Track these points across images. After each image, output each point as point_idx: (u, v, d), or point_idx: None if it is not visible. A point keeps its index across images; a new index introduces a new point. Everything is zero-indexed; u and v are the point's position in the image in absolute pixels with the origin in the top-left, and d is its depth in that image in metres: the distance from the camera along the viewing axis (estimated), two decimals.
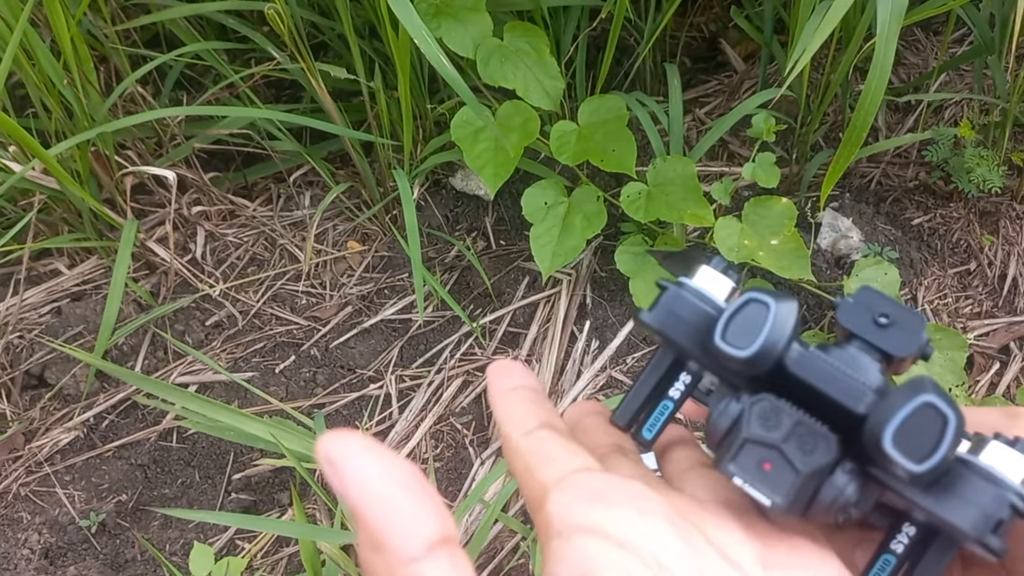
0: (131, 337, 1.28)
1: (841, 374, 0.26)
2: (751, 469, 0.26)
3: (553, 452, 0.28)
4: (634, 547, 0.24)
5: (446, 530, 0.23)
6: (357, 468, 0.23)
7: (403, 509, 0.23)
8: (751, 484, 0.26)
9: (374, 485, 0.23)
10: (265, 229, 1.38)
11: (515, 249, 1.36)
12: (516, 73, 1.21)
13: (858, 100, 0.88)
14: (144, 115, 1.18)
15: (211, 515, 0.95)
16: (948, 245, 1.32)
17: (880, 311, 0.28)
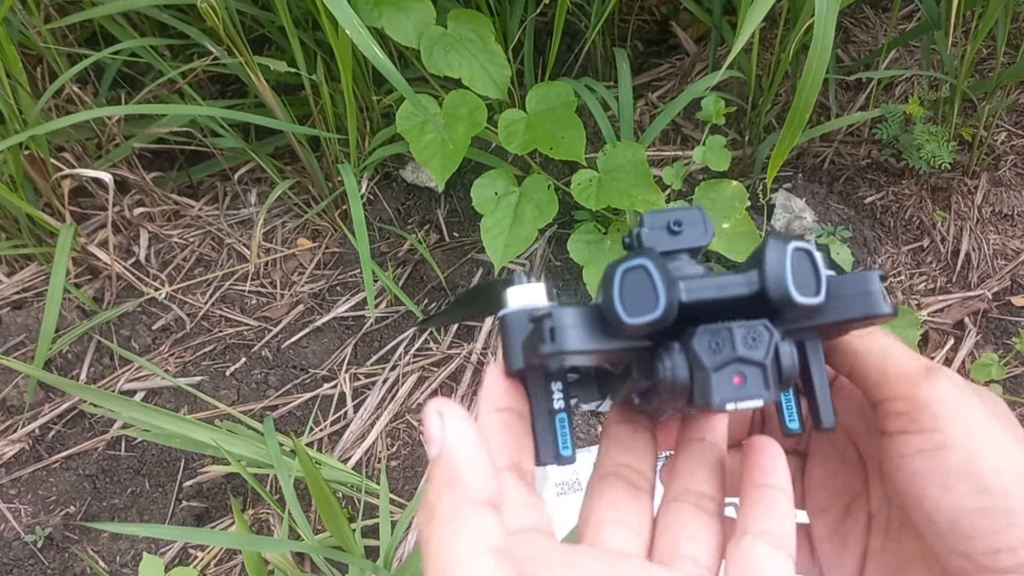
0: (76, 344, 1.24)
1: (712, 278, 0.29)
2: (732, 390, 0.28)
3: (512, 502, 0.30)
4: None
5: (497, 495, 0.28)
6: (460, 421, 0.28)
7: (480, 462, 0.27)
8: (741, 401, 0.28)
9: (468, 437, 0.28)
10: (211, 229, 1.34)
11: (469, 241, 1.34)
12: (461, 62, 1.18)
13: (787, 79, 0.86)
14: (77, 116, 1.14)
15: (154, 529, 0.92)
16: (901, 222, 1.32)
17: (671, 221, 0.32)
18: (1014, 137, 1.36)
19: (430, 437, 0.28)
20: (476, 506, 0.26)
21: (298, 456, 0.65)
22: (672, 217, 0.32)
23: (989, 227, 1.30)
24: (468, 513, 0.26)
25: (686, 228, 0.32)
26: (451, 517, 0.26)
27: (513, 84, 1.24)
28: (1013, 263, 1.27)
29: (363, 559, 0.78)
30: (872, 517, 0.36)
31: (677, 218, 0.32)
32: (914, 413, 0.31)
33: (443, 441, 0.28)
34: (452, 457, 0.27)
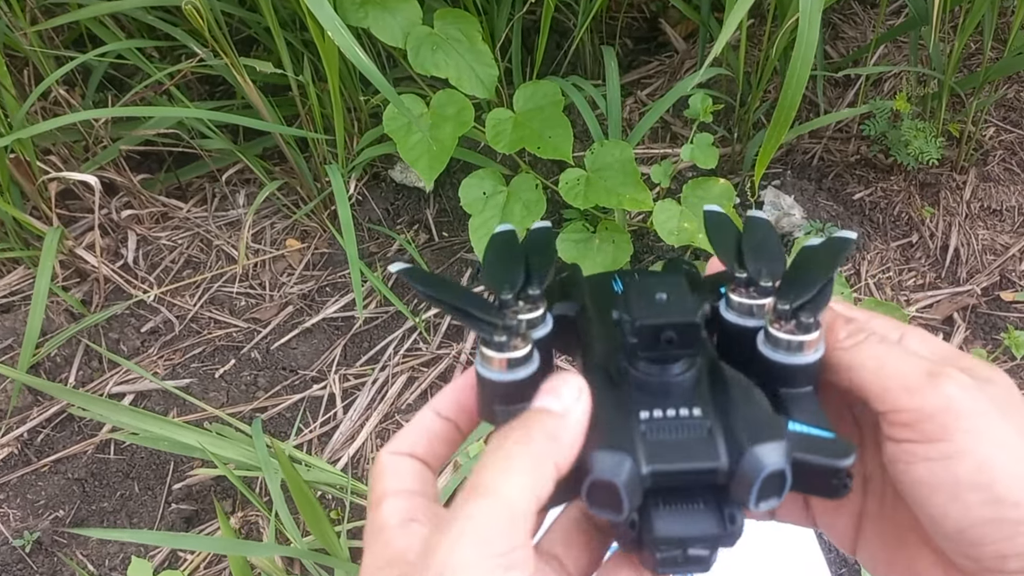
0: (64, 348, 1.24)
1: (683, 457, 0.30)
2: (675, 566, 0.30)
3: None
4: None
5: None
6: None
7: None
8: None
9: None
10: (200, 230, 1.34)
11: (458, 241, 1.34)
12: (448, 61, 1.18)
13: (776, 77, 0.86)
14: (64, 118, 1.14)
15: (139, 535, 0.92)
16: (890, 219, 1.32)
17: (664, 336, 0.31)
18: (1002, 132, 1.36)
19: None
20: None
21: (280, 462, 0.65)
22: (654, 285, 0.32)
23: (978, 222, 1.30)
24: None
25: (672, 295, 0.31)
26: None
27: (501, 83, 1.24)
28: (1002, 258, 1.27)
29: (348, 562, 0.78)
30: (867, 480, 0.36)
31: (669, 335, 0.31)
32: (920, 424, 0.30)
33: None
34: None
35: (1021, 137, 1.36)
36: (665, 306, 0.31)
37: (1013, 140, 1.35)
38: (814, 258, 0.36)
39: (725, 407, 0.31)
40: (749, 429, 0.29)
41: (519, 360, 0.32)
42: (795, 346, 0.32)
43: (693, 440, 0.30)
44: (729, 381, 0.32)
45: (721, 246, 0.37)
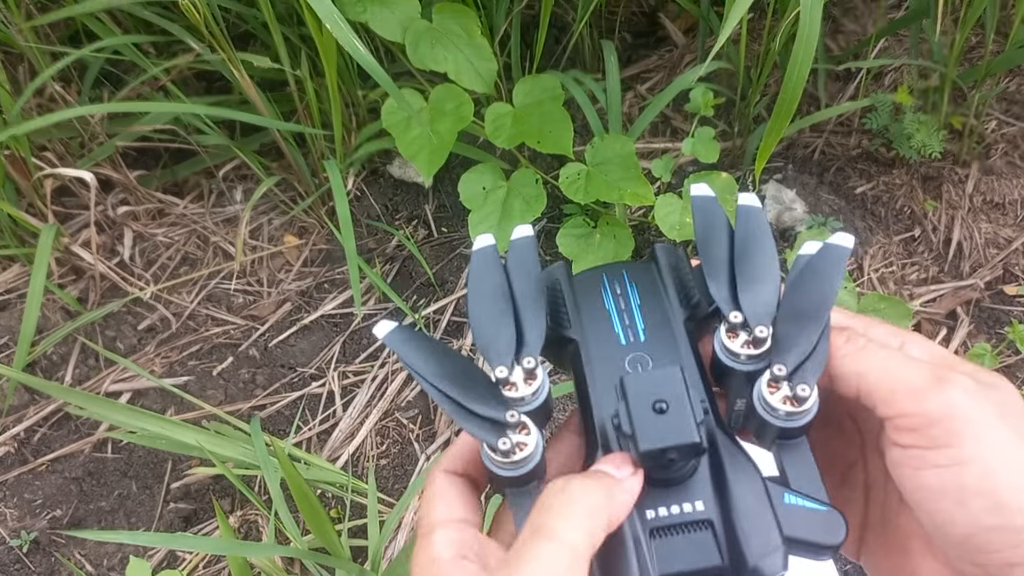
0: (60, 346, 1.23)
1: (688, 549, 0.33)
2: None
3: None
4: None
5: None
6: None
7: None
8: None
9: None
10: (197, 227, 1.33)
11: (457, 236, 1.33)
12: (447, 56, 1.17)
13: (776, 70, 0.85)
14: (59, 114, 1.13)
15: (136, 536, 0.91)
16: (892, 212, 1.31)
17: (654, 401, 0.32)
18: (1004, 125, 1.35)
19: None
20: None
21: (279, 460, 0.64)
22: (652, 390, 0.32)
23: (980, 216, 1.29)
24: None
25: (671, 405, 0.32)
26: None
27: (500, 78, 1.23)
28: (1005, 252, 1.26)
29: (349, 562, 0.77)
30: (869, 489, 0.36)
31: (659, 398, 0.32)
32: (926, 429, 0.30)
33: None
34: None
35: (1023, 130, 1.35)
36: (667, 423, 0.31)
37: (1015, 133, 1.34)
38: (810, 279, 0.35)
39: (726, 499, 0.32)
40: (751, 536, 0.31)
41: (526, 458, 0.33)
42: (791, 415, 0.33)
43: (697, 542, 0.32)
44: (728, 471, 0.33)
45: (712, 265, 0.37)
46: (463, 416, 0.34)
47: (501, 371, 0.34)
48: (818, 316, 0.34)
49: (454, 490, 0.36)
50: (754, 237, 0.37)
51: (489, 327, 0.36)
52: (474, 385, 0.34)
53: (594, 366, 0.37)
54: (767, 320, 0.35)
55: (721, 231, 0.38)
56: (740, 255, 0.37)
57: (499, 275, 0.37)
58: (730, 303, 0.36)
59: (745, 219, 0.38)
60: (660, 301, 0.38)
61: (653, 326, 0.37)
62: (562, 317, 0.38)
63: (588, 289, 0.39)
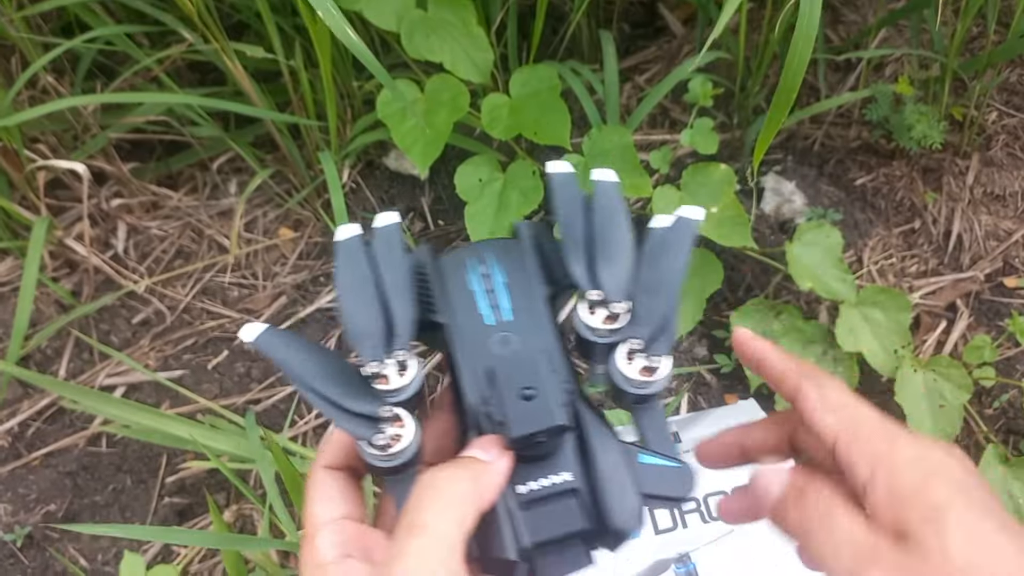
0: (54, 339, 1.22)
1: (556, 519, 0.36)
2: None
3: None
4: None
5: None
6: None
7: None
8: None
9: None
10: (191, 220, 1.32)
11: (454, 229, 1.32)
12: (443, 46, 1.16)
13: (776, 61, 0.84)
14: (50, 105, 1.12)
15: (129, 529, 0.91)
16: (892, 204, 1.30)
17: (523, 386, 0.34)
18: (1005, 116, 1.34)
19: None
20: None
21: (273, 453, 0.64)
22: (520, 378, 0.35)
23: (981, 208, 1.28)
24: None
25: (538, 391, 0.34)
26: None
27: (497, 68, 1.21)
28: (1005, 244, 1.25)
29: None
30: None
31: (526, 384, 0.35)
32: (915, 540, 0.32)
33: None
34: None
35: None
36: (534, 409, 0.34)
37: (1016, 124, 1.33)
38: (662, 254, 0.39)
39: (589, 467, 0.35)
40: (612, 500, 0.34)
41: (402, 450, 0.35)
42: (645, 383, 0.37)
43: (565, 509, 0.35)
44: (590, 441, 0.36)
45: (571, 242, 0.39)
46: (337, 414, 0.35)
47: (373, 366, 0.36)
48: (670, 289, 0.38)
49: (335, 485, 0.37)
50: (609, 213, 0.39)
51: (358, 321, 0.37)
52: (347, 381, 0.35)
53: (463, 349, 0.38)
54: (623, 296, 0.37)
55: (578, 208, 0.40)
56: (597, 231, 0.39)
57: (364, 265, 0.39)
58: (589, 281, 0.38)
59: (601, 195, 0.40)
60: (525, 278, 0.40)
61: (518, 304, 0.39)
62: (429, 302, 0.39)
63: (454, 271, 0.40)
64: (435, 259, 0.42)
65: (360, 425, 0.35)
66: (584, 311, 0.38)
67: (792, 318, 1.13)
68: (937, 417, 1.05)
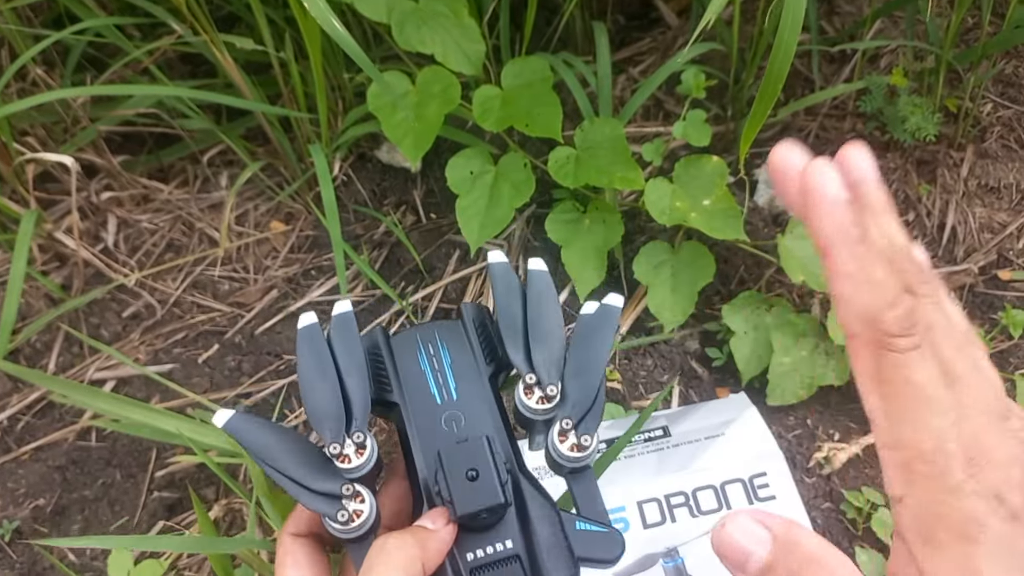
0: (44, 333, 1.22)
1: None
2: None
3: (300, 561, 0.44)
4: None
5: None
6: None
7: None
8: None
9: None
10: (182, 213, 1.31)
11: (446, 222, 1.31)
12: (434, 37, 1.15)
13: (769, 52, 0.84)
14: (38, 97, 1.11)
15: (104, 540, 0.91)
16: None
17: (468, 467, 0.39)
18: (1000, 108, 1.34)
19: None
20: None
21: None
22: (464, 461, 0.39)
23: (975, 200, 1.28)
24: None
25: (480, 473, 0.39)
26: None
27: (489, 60, 1.20)
28: (999, 236, 1.25)
29: None
30: None
31: (470, 466, 0.39)
32: None
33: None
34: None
35: (1019, 113, 1.33)
36: (477, 489, 0.38)
37: (1011, 116, 1.33)
38: (591, 340, 0.43)
39: (529, 535, 0.39)
40: (551, 566, 0.38)
41: (362, 523, 0.39)
42: (577, 459, 0.41)
43: (509, 574, 0.39)
44: (529, 509, 0.40)
45: (510, 333, 0.43)
46: (302, 493, 0.39)
47: (334, 447, 0.40)
48: (595, 370, 0.42)
49: (301, 552, 0.41)
50: (542, 300, 0.44)
51: (319, 405, 0.41)
52: (310, 462, 0.40)
53: (415, 427, 0.43)
54: (555, 378, 0.42)
55: (515, 296, 0.44)
56: (531, 318, 0.43)
57: (323, 352, 0.43)
58: (526, 364, 0.42)
59: (533, 283, 0.45)
60: (468, 359, 0.45)
61: (464, 385, 0.44)
62: (383, 382, 0.44)
63: (405, 352, 0.45)
64: (388, 340, 0.46)
65: (323, 503, 0.39)
66: (522, 392, 0.42)
67: (784, 311, 1.12)
68: None
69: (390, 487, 0.46)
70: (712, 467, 0.89)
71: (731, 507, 0.87)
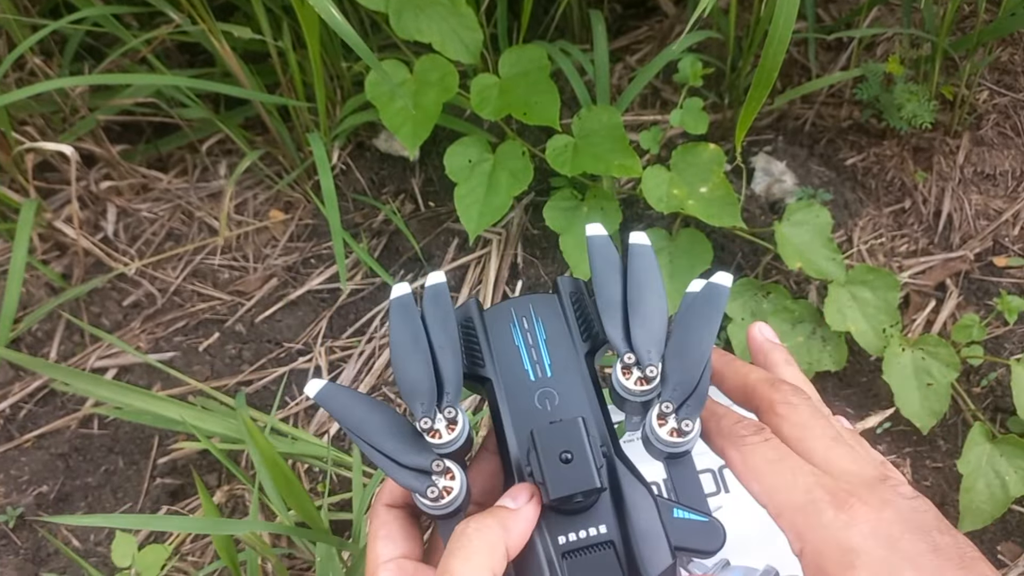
0: (45, 322, 1.22)
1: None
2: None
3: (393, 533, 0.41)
4: None
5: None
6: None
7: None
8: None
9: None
10: (181, 202, 1.32)
11: (444, 210, 1.32)
12: (431, 26, 1.15)
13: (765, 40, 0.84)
14: (36, 87, 1.11)
15: (115, 519, 0.91)
16: (882, 184, 1.30)
17: (562, 450, 0.37)
18: (996, 96, 1.34)
19: None
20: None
21: (251, 433, 0.64)
22: (559, 443, 0.37)
23: (971, 187, 1.29)
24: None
25: (575, 456, 0.37)
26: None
27: (486, 48, 1.21)
28: (995, 223, 1.25)
29: (328, 534, 0.77)
30: None
31: (565, 449, 0.37)
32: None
33: None
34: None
35: (1015, 100, 1.34)
36: (572, 472, 0.36)
37: (1007, 103, 1.33)
38: (694, 319, 0.41)
39: (625, 521, 0.38)
40: (646, 554, 0.37)
41: (452, 500, 0.38)
42: (676, 443, 0.39)
43: (601, 560, 0.37)
44: (625, 494, 0.38)
45: (608, 308, 0.41)
46: (392, 468, 0.38)
47: (425, 422, 0.39)
48: (700, 353, 0.40)
49: (395, 524, 0.40)
50: (644, 276, 0.41)
51: (411, 379, 0.40)
52: (401, 436, 0.39)
53: (508, 404, 0.41)
54: (656, 359, 0.39)
55: (615, 271, 0.42)
56: (631, 295, 0.41)
57: (416, 324, 0.41)
58: (624, 344, 0.40)
59: (635, 258, 0.42)
60: (564, 335, 0.43)
61: (558, 361, 0.42)
62: (476, 356, 0.43)
63: (498, 325, 0.44)
64: (481, 313, 0.45)
65: (413, 479, 0.38)
66: (619, 372, 0.40)
67: (781, 298, 1.13)
68: (925, 395, 1.06)
69: (481, 463, 0.44)
70: (710, 451, 0.90)
71: (729, 491, 0.88)
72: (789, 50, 1.44)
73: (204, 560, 1.04)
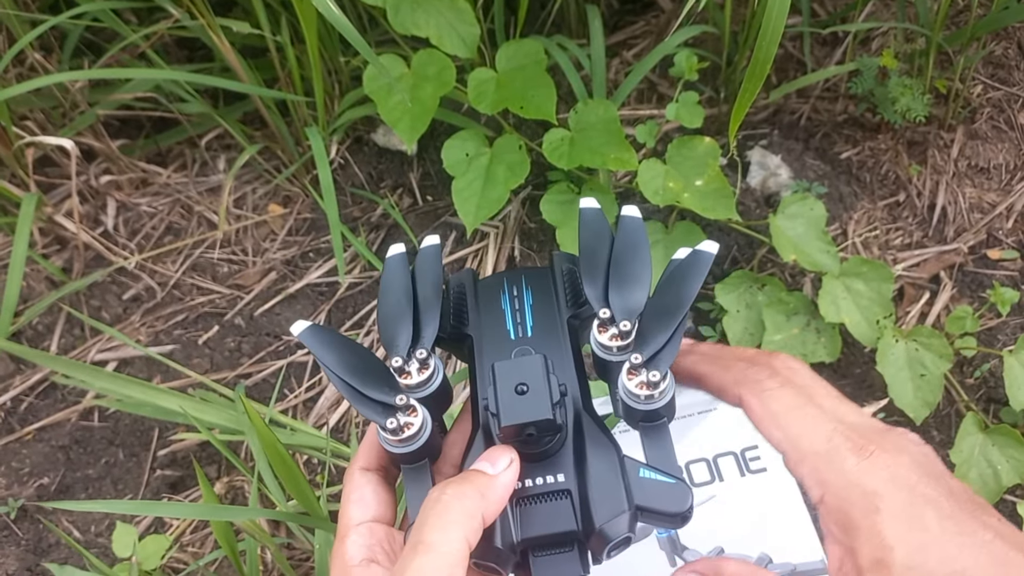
0: (46, 315, 1.23)
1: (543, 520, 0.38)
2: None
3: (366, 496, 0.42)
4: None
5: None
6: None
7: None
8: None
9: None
10: (180, 196, 1.32)
11: (442, 204, 1.32)
12: (429, 20, 1.16)
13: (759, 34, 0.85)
14: (35, 81, 1.12)
15: (114, 504, 0.93)
16: (877, 177, 1.31)
17: (519, 382, 0.37)
18: (990, 89, 1.35)
19: None
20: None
21: (253, 423, 0.65)
22: (516, 375, 0.38)
23: (965, 180, 1.29)
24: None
25: (531, 387, 0.37)
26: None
27: (484, 43, 1.22)
28: (989, 216, 1.26)
29: (327, 521, 0.78)
30: None
31: (530, 431, 0.37)
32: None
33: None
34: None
35: (1008, 94, 1.34)
36: (525, 402, 0.36)
37: (1001, 97, 1.34)
38: (677, 282, 0.41)
39: (583, 472, 0.37)
40: (601, 503, 0.36)
41: (412, 436, 0.38)
42: (647, 398, 0.38)
43: (556, 509, 0.37)
44: (588, 447, 0.38)
45: (590, 270, 0.42)
46: (357, 399, 0.39)
47: (396, 361, 0.40)
48: (676, 312, 0.39)
49: (368, 488, 0.40)
50: (631, 245, 0.42)
51: (391, 324, 0.41)
52: (371, 373, 0.39)
53: (483, 357, 0.42)
54: (632, 316, 0.39)
55: (603, 240, 0.43)
56: (616, 260, 0.42)
57: (405, 279, 0.43)
58: (601, 301, 0.40)
59: (624, 227, 0.43)
60: (550, 301, 0.44)
61: (540, 323, 0.43)
62: (463, 317, 0.44)
63: (489, 292, 0.45)
64: (475, 282, 0.47)
65: (375, 411, 0.38)
66: (595, 329, 0.40)
67: (776, 290, 1.14)
68: (918, 386, 1.07)
69: (461, 423, 0.44)
70: (704, 440, 0.91)
71: (723, 479, 0.88)
72: (784, 45, 1.45)
73: (204, 551, 1.05)
